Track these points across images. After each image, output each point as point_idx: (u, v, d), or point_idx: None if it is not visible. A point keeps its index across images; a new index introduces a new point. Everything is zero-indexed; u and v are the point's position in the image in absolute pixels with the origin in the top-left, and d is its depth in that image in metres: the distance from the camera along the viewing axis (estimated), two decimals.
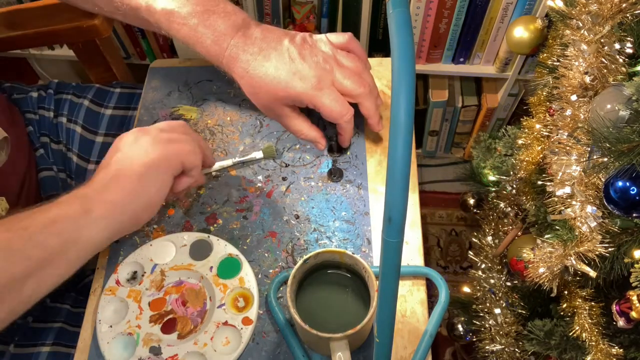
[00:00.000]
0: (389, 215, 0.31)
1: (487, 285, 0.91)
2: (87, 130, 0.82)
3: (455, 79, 1.45)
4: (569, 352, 0.69)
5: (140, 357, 0.57)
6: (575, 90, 0.59)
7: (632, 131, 0.48)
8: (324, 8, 1.26)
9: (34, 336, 0.69)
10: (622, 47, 0.54)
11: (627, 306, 0.57)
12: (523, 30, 0.91)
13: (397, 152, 0.29)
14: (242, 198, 0.68)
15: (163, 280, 0.62)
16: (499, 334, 0.86)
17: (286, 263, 0.63)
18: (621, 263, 0.58)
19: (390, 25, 0.31)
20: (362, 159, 0.71)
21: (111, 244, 0.65)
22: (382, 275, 0.35)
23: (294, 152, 0.72)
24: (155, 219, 0.67)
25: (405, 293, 0.62)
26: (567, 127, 0.60)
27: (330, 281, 0.58)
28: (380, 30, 1.27)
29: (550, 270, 0.61)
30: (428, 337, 0.58)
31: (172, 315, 0.60)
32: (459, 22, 1.19)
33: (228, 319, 0.59)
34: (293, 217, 0.66)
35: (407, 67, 0.29)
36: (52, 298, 0.73)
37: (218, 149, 0.72)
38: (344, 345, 0.51)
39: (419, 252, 0.64)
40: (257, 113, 0.75)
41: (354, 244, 0.64)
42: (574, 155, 0.58)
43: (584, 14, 0.56)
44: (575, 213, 0.57)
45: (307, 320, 0.51)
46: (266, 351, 0.58)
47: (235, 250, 0.63)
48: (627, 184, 0.50)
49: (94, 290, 0.63)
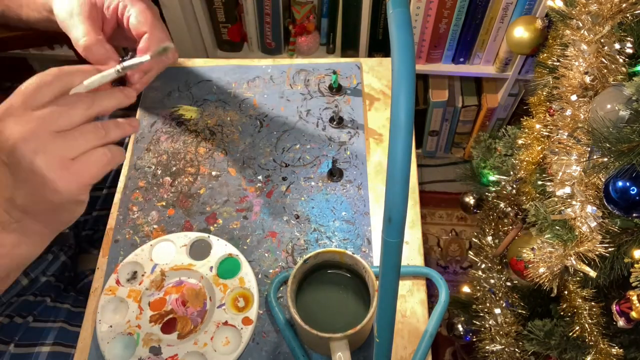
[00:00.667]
0: (389, 215, 0.31)
1: (487, 285, 0.91)
2: None
3: (455, 79, 1.45)
4: (569, 352, 0.69)
5: (140, 357, 0.57)
6: (575, 90, 0.59)
7: (632, 131, 0.48)
8: (324, 8, 1.26)
9: (34, 336, 0.69)
10: (622, 47, 0.54)
11: (627, 306, 0.57)
12: (523, 30, 0.91)
13: (397, 152, 0.29)
14: (242, 198, 0.68)
15: (163, 280, 0.62)
16: (499, 334, 0.86)
17: (286, 263, 0.63)
18: (621, 263, 0.58)
19: (390, 25, 0.31)
20: (362, 159, 0.71)
21: (111, 244, 0.65)
22: (382, 275, 0.35)
23: (294, 152, 0.72)
24: (155, 219, 0.67)
25: (405, 293, 0.62)
26: (567, 127, 0.60)
27: (330, 281, 0.58)
28: (380, 30, 1.27)
29: (550, 270, 0.61)
30: (428, 337, 0.58)
31: (172, 315, 0.60)
32: (459, 22, 1.19)
33: (228, 319, 0.59)
34: (293, 217, 0.66)
35: (407, 67, 0.29)
36: (52, 298, 0.73)
37: (218, 149, 0.72)
38: (344, 345, 0.51)
39: (419, 252, 0.64)
40: (257, 113, 0.75)
41: (354, 244, 0.64)
42: (574, 155, 0.58)
43: (584, 14, 0.56)
44: (575, 213, 0.57)
45: (307, 320, 0.51)
46: (266, 351, 0.58)
47: (235, 250, 0.63)
48: (627, 184, 0.50)
49: (94, 290, 0.63)
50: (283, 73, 0.79)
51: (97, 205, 0.84)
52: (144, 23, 0.55)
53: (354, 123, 0.74)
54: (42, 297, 0.73)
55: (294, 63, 0.81)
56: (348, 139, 0.72)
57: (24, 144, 0.41)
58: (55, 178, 0.42)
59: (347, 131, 0.73)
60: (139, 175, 0.70)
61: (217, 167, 0.71)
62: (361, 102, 0.76)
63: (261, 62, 0.81)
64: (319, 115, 0.75)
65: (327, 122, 0.74)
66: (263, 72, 0.80)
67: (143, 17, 0.55)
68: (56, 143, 0.42)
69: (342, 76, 0.78)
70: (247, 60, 0.82)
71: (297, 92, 0.77)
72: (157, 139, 0.73)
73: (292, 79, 0.79)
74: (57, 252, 0.77)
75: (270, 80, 0.79)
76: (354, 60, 0.80)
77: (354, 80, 0.78)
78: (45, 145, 0.42)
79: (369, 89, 0.78)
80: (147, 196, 0.69)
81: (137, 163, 0.71)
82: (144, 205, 0.68)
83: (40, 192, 0.43)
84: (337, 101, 0.76)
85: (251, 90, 0.78)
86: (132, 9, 0.55)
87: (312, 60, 0.81)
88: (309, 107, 0.76)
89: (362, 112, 0.75)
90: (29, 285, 0.73)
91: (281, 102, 0.76)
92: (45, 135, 0.42)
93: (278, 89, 0.78)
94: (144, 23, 0.55)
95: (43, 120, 0.42)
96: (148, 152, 0.72)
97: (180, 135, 0.74)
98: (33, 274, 0.73)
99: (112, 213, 0.68)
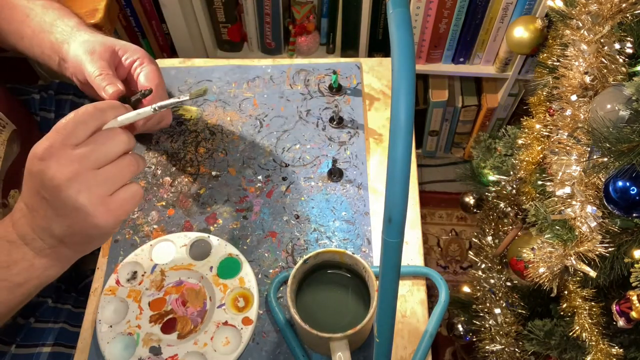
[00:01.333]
0: (389, 215, 0.31)
1: (487, 285, 0.91)
2: None
3: (455, 79, 1.45)
4: (569, 352, 0.69)
5: (140, 357, 0.57)
6: (575, 90, 0.59)
7: (632, 131, 0.48)
8: (324, 8, 1.26)
9: (35, 336, 0.69)
10: (622, 47, 0.54)
11: (627, 306, 0.57)
12: (523, 30, 0.91)
13: (397, 152, 0.29)
14: (242, 198, 0.68)
15: (163, 280, 0.62)
16: (499, 334, 0.86)
17: (286, 263, 0.63)
18: (621, 263, 0.58)
19: (390, 25, 0.31)
20: (362, 159, 0.71)
21: (111, 244, 0.65)
22: (382, 275, 0.35)
23: (294, 152, 0.72)
24: (155, 219, 0.67)
25: (405, 293, 0.62)
26: (567, 127, 0.60)
27: (330, 281, 0.58)
28: (380, 30, 1.27)
29: (550, 270, 0.61)
30: (428, 337, 0.58)
31: (172, 315, 0.60)
32: (459, 22, 1.19)
33: (228, 319, 0.59)
34: (293, 217, 0.66)
35: (407, 67, 0.29)
36: (53, 299, 0.73)
37: (218, 149, 0.72)
38: (344, 345, 0.51)
39: (419, 252, 0.64)
40: (257, 113, 0.75)
41: (354, 244, 0.64)
42: (574, 155, 0.58)
43: (584, 14, 0.56)
44: (575, 213, 0.57)
45: (307, 320, 0.51)
46: (266, 351, 0.58)
47: (235, 250, 0.63)
48: (627, 184, 0.50)
49: (94, 290, 0.63)
50: (283, 73, 0.79)
51: None
52: (152, 81, 0.61)
53: (354, 123, 0.74)
54: (44, 298, 0.73)
55: (294, 63, 0.81)
56: (348, 139, 0.72)
57: (68, 183, 0.44)
58: (97, 214, 0.45)
59: (347, 131, 0.73)
60: (139, 175, 0.70)
61: (217, 167, 0.71)
62: (361, 102, 0.76)
63: (261, 62, 0.81)
64: (319, 115, 0.75)
65: (327, 122, 0.74)
66: (263, 72, 0.80)
67: (152, 76, 0.61)
68: (97, 180, 0.45)
69: (342, 76, 0.78)
70: (247, 60, 0.82)
71: (297, 92, 0.77)
72: (157, 139, 0.73)
73: (292, 79, 0.79)
74: None
75: (270, 80, 0.79)
76: (354, 60, 0.80)
77: (354, 80, 0.78)
78: (88, 183, 0.45)
79: (369, 89, 0.78)
80: (147, 196, 0.69)
81: None
82: (144, 205, 0.68)
83: (79, 226, 0.46)
84: (337, 101, 0.76)
85: (251, 90, 0.78)
86: (145, 67, 0.62)
87: (312, 60, 0.81)
88: (309, 107, 0.76)
89: (362, 112, 0.75)
90: None
91: (281, 102, 0.76)
92: (86, 173, 0.45)
93: (278, 89, 0.78)
94: (152, 80, 0.61)
95: (84, 158, 0.45)
96: (148, 152, 0.72)
97: (180, 135, 0.74)
98: None
99: None
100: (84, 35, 0.62)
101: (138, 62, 0.62)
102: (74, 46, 0.61)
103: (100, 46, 0.60)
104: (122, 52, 0.62)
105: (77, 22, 0.64)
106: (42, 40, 0.64)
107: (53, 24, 0.64)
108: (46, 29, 0.64)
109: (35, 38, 0.64)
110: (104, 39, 0.62)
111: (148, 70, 0.62)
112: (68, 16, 0.65)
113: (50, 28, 0.63)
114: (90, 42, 0.61)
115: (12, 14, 0.66)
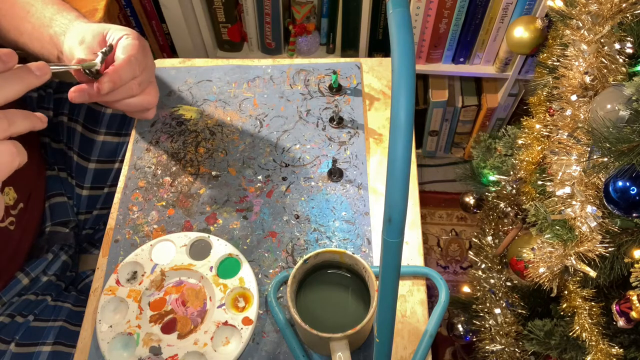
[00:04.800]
0: (389, 215, 0.31)
1: (487, 285, 0.91)
2: (88, 129, 0.82)
3: (455, 79, 1.45)
4: (569, 352, 0.69)
5: (140, 357, 0.57)
6: (575, 90, 0.59)
7: (632, 131, 0.48)
8: (324, 8, 1.26)
9: (35, 335, 0.68)
10: (622, 47, 0.54)
11: (627, 306, 0.57)
12: (523, 30, 0.91)
13: (397, 152, 0.29)
14: (242, 198, 0.68)
15: (163, 280, 0.62)
16: (499, 334, 0.86)
17: (286, 263, 0.63)
18: (621, 263, 0.58)
19: (390, 25, 0.31)
20: (362, 159, 0.71)
21: (111, 244, 0.65)
22: (382, 275, 0.35)
23: (294, 152, 0.72)
24: (155, 219, 0.67)
25: (405, 293, 0.62)
26: (567, 127, 0.60)
27: (330, 281, 0.58)
28: (380, 30, 1.27)
29: (550, 270, 0.61)
30: (428, 337, 0.58)
31: (172, 315, 0.60)
32: (459, 22, 1.19)
33: (228, 319, 0.59)
34: (293, 217, 0.66)
35: (407, 67, 0.29)
36: (53, 297, 0.73)
37: (218, 149, 0.72)
38: (344, 345, 0.51)
39: (419, 252, 0.64)
40: (257, 113, 0.75)
41: (354, 244, 0.64)
42: (574, 155, 0.58)
43: (584, 14, 0.56)
44: (575, 213, 0.57)
45: (307, 320, 0.51)
46: (266, 351, 0.58)
47: (235, 250, 0.63)
48: (627, 184, 0.50)
49: (94, 290, 0.63)
50: (283, 73, 0.79)
51: (98, 204, 0.84)
52: (128, 52, 0.59)
53: (354, 123, 0.74)
54: (43, 296, 0.73)
55: (294, 63, 0.81)
56: (348, 138, 0.73)
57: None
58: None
59: (347, 131, 0.73)
60: (139, 175, 0.70)
61: (217, 167, 0.71)
62: (361, 102, 0.76)
63: (261, 62, 0.81)
64: (319, 115, 0.75)
65: (327, 122, 0.74)
66: (263, 72, 0.80)
67: (129, 48, 0.60)
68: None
69: (342, 76, 0.78)
70: (247, 60, 0.82)
71: (297, 92, 0.77)
72: (157, 139, 0.73)
73: (292, 79, 0.79)
74: (58, 251, 0.77)
75: (270, 80, 0.79)
76: (354, 60, 0.80)
77: (354, 80, 0.78)
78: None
79: (369, 89, 0.78)
80: (147, 196, 0.69)
81: (137, 163, 0.71)
82: (143, 205, 0.68)
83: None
84: (337, 101, 0.76)
85: (251, 90, 0.78)
86: (124, 40, 0.60)
87: (312, 60, 0.81)
88: (309, 107, 0.76)
89: (362, 112, 0.75)
90: (29, 284, 0.73)
91: (281, 102, 0.76)
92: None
93: (278, 89, 0.78)
94: (127, 52, 0.59)
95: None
96: (148, 152, 0.72)
97: (180, 135, 0.74)
98: (34, 273, 0.73)
99: (112, 213, 0.68)
100: (78, 25, 0.62)
101: (123, 38, 0.61)
102: (68, 37, 0.61)
103: (90, 34, 0.60)
104: (109, 34, 0.62)
105: (76, 16, 0.65)
106: (41, 35, 0.64)
107: (52, 18, 0.64)
108: (46, 23, 0.64)
109: (35, 32, 0.65)
110: (97, 27, 0.61)
111: (126, 43, 0.60)
112: (67, 10, 0.65)
113: (49, 22, 0.64)
114: (82, 32, 0.61)
115: (13, 10, 0.66)
